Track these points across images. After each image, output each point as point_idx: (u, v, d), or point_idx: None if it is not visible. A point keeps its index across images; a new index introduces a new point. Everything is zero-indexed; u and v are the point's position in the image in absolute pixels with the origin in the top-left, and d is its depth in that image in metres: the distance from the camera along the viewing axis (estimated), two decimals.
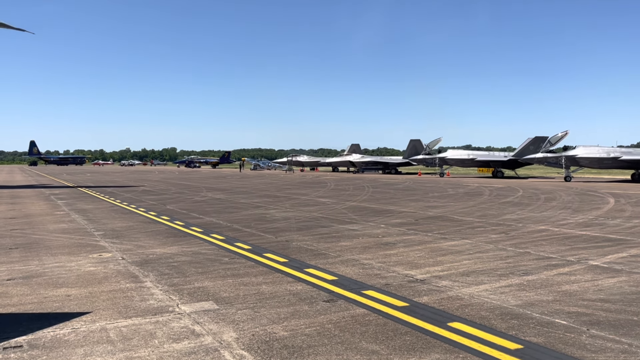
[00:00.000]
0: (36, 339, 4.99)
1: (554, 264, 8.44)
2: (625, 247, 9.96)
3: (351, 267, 8.19)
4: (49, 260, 9.00)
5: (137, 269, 8.22)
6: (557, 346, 4.75)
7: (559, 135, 42.82)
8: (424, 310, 5.89)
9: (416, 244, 10.46)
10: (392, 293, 6.62)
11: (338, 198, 23.09)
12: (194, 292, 6.72)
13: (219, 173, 70.53)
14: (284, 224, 14.00)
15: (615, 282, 7.13)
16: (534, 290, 6.75)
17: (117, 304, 6.18)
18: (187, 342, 4.91)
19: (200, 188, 32.24)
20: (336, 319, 5.56)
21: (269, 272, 7.92)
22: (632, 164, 39.47)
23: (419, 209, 17.76)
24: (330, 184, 35.68)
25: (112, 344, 4.85)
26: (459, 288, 6.87)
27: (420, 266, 8.30)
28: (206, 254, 9.46)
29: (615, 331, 5.14)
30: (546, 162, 41.91)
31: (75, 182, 42.92)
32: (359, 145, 76.70)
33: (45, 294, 6.66)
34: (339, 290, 6.74)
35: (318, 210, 17.77)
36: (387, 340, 4.93)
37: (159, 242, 10.98)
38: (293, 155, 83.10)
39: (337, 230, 12.70)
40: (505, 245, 10.32)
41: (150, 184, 38.76)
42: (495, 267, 8.22)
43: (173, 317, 5.67)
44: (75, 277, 7.65)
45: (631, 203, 19.61)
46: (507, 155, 52.19)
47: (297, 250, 9.83)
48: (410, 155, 60.78)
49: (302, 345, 4.82)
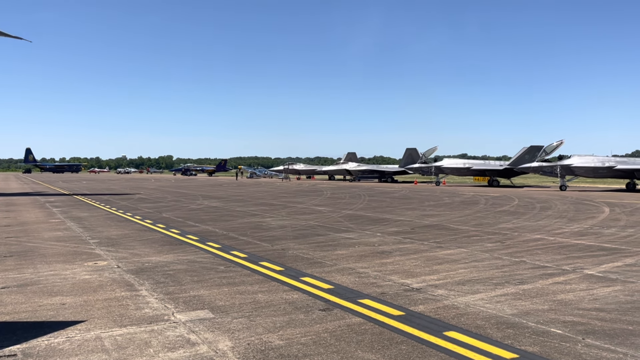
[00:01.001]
0: (30, 348, 4.96)
1: (550, 273, 8.46)
2: (620, 257, 9.99)
3: (347, 276, 8.18)
4: (44, 268, 8.95)
5: (132, 277, 8.19)
6: (552, 355, 4.75)
7: (554, 144, 43.03)
8: (420, 319, 5.89)
9: (412, 253, 10.46)
10: (388, 302, 6.61)
11: (334, 206, 23.09)
12: (189, 301, 6.70)
13: (215, 181, 70.46)
14: (280, 232, 13.98)
15: (610, 292, 7.15)
16: (530, 299, 6.76)
17: (112, 313, 6.16)
18: (182, 351, 4.90)
19: (196, 196, 32.20)
20: (332, 328, 5.56)
21: (265, 280, 7.90)
22: (627, 173, 39.67)
23: (415, 218, 17.78)
24: (326, 192, 35.69)
25: (107, 353, 4.83)
26: (455, 297, 6.87)
27: (416, 275, 8.30)
28: (202, 263, 9.44)
29: (611, 340, 5.15)
30: (541, 171, 42.10)
31: (70, 189, 42.79)
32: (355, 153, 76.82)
33: (40, 303, 6.63)
34: (335, 299, 6.73)
35: (314, 218, 17.76)
36: (383, 350, 4.92)
37: (155, 250, 10.95)
38: (289, 164, 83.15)
39: (334, 238, 12.70)
40: (501, 254, 10.34)
41: (146, 191, 38.68)
42: (491, 276, 8.24)
43: (168, 326, 5.65)
44: (70, 285, 7.61)
45: (626, 212, 19.69)
46: (503, 164, 52.37)
47: (293, 258, 9.82)
48: (407, 163, 60.90)
49: (297, 354, 4.81)
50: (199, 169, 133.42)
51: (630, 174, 39.73)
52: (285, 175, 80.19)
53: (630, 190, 39.16)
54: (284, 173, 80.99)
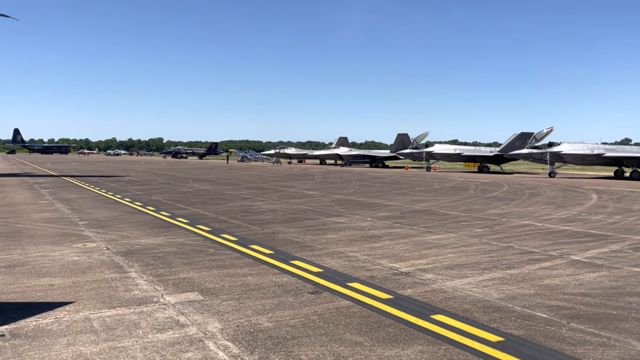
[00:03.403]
0: (18, 329, 4.95)
1: (537, 258, 8.56)
2: (606, 243, 10.12)
3: (337, 260, 8.23)
4: (32, 249, 8.91)
5: (121, 259, 8.17)
6: (537, 339, 4.83)
7: (544, 131, 43.27)
8: (408, 302, 5.95)
9: (402, 238, 10.53)
10: (376, 285, 6.67)
11: (325, 191, 23.12)
12: (179, 283, 6.71)
13: (206, 164, 70.18)
14: (271, 216, 13.99)
15: (595, 277, 7.26)
16: (516, 284, 6.84)
17: (101, 294, 6.15)
18: (171, 332, 4.91)
19: (186, 179, 32.07)
20: (321, 311, 5.60)
21: (254, 263, 7.93)
22: (615, 160, 40.02)
23: (405, 203, 17.86)
24: (317, 177, 35.70)
25: (95, 334, 4.83)
26: (443, 281, 6.94)
27: (405, 259, 8.36)
28: (192, 245, 9.44)
29: (595, 325, 5.24)
30: (531, 157, 42.36)
31: (59, 171, 42.42)
32: (346, 138, 76.79)
33: (28, 284, 6.60)
34: (324, 283, 6.78)
35: (305, 202, 17.78)
36: (370, 332, 4.97)
37: (144, 232, 10.92)
38: (281, 148, 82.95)
39: (324, 222, 12.73)
40: (489, 239, 10.43)
41: (136, 174, 38.46)
42: (479, 260, 8.32)
43: (158, 308, 5.66)
44: (59, 266, 7.59)
45: (613, 199, 19.91)
46: (493, 150, 52.60)
47: (283, 242, 9.85)
48: (398, 149, 61.02)
49: (286, 336, 4.85)
50: (190, 152, 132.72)
51: (618, 162, 40.09)
52: (277, 159, 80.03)
53: (618, 177, 39.55)
54: (275, 157, 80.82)
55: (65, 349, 4.47)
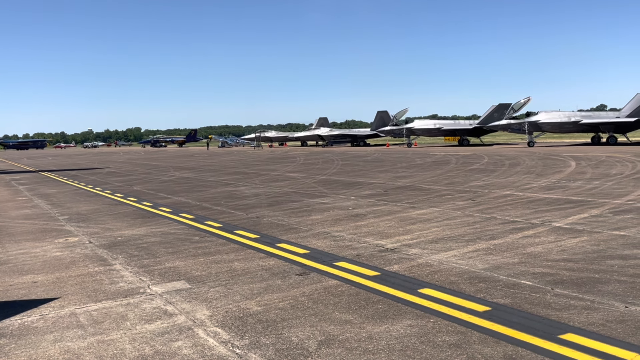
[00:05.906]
0: (3, 328, 4.87)
1: (519, 227, 8.67)
2: (586, 208, 10.30)
3: (323, 240, 8.24)
4: (13, 247, 8.75)
5: (105, 252, 8.08)
6: (523, 306, 4.91)
7: (521, 101, 43.64)
8: (395, 278, 5.99)
9: (386, 214, 10.58)
10: (363, 263, 6.69)
11: (308, 172, 23.09)
12: (165, 273, 6.66)
13: (186, 152, 69.51)
14: (254, 200, 13.94)
15: (577, 242, 7.38)
16: (501, 253, 6.93)
17: (86, 288, 6.07)
18: (159, 322, 4.88)
19: (167, 168, 31.74)
20: (309, 292, 5.61)
21: (240, 248, 7.90)
22: (592, 127, 40.65)
23: (388, 180, 17.92)
24: (299, 159, 35.61)
25: (82, 329, 4.78)
26: (429, 255, 7.00)
27: (390, 236, 8.41)
28: (176, 234, 9.36)
29: (578, 289, 5.33)
30: (510, 128, 42.81)
31: (36, 166, 41.64)
32: (326, 118, 76.63)
33: (10, 282, 6.49)
34: (311, 263, 6.78)
35: (288, 185, 17.74)
36: (360, 310, 5.00)
37: (127, 223, 10.80)
38: (261, 131, 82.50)
39: (308, 204, 12.73)
40: (472, 211, 10.53)
41: (116, 165, 37.94)
42: (463, 233, 8.40)
43: (144, 299, 5.61)
44: (41, 263, 7.47)
45: (591, 165, 20.24)
46: (473, 123, 52.97)
47: (269, 225, 9.82)
48: (378, 126, 61.10)
49: (276, 319, 4.85)
50: (169, 140, 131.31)
51: (595, 128, 40.72)
52: (257, 143, 79.60)
53: (595, 143, 40.19)
54: (256, 141, 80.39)
55: (53, 346, 4.41)
